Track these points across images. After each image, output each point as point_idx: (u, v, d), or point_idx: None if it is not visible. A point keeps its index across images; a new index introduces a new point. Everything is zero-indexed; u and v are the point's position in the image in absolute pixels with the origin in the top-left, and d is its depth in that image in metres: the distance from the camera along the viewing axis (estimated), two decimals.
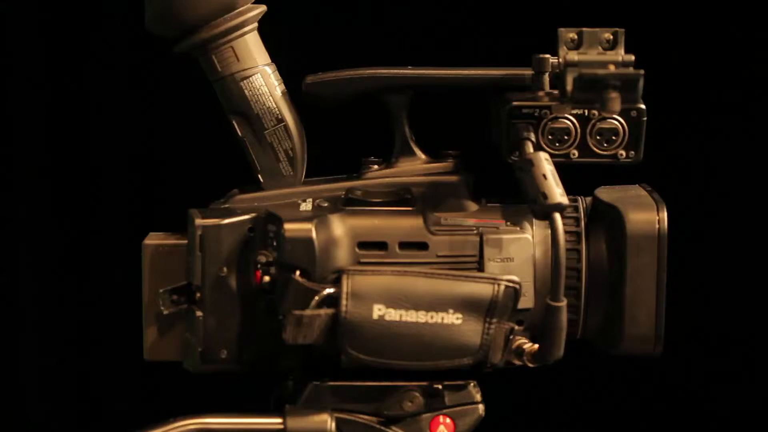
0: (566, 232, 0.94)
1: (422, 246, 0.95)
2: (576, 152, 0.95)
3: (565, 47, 0.92)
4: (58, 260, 1.56)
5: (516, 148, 0.93)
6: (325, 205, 0.97)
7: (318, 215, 0.94)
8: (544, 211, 0.89)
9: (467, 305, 0.91)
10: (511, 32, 0.90)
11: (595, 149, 0.95)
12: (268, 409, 0.99)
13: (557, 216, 0.91)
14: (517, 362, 0.95)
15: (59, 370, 1.59)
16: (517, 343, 0.94)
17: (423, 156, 1.00)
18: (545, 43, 0.94)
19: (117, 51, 1.50)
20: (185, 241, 0.96)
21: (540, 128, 0.94)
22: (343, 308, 0.90)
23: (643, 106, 0.93)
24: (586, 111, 0.94)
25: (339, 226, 0.94)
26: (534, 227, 0.96)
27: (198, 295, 0.95)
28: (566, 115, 0.94)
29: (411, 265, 0.93)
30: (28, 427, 1.59)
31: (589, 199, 0.99)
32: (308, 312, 0.90)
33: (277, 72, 0.99)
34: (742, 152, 1.54)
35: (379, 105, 0.97)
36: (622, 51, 0.92)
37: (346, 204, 0.96)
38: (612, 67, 0.89)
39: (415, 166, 0.99)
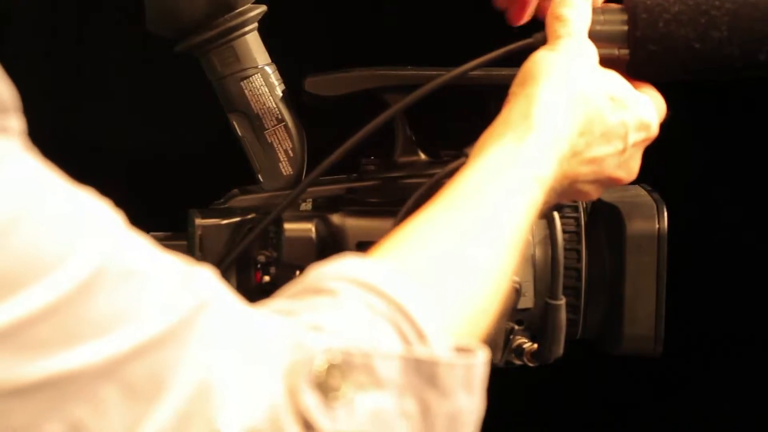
0: (566, 232, 0.95)
1: None
2: None
3: None
4: None
5: None
6: (325, 205, 0.97)
7: (318, 215, 0.94)
8: (544, 210, 0.89)
9: None
10: (511, 32, 0.90)
11: None
12: None
13: (556, 215, 0.91)
14: (517, 362, 0.95)
15: None
16: (517, 342, 0.94)
17: (423, 156, 0.99)
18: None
19: (117, 50, 1.50)
20: (185, 242, 0.96)
21: None
22: None
23: None
24: None
25: (338, 226, 0.94)
26: (534, 227, 0.96)
27: None
28: None
29: None
30: None
31: None
32: None
33: (277, 72, 0.99)
34: (741, 152, 1.54)
35: (379, 105, 0.97)
36: None
37: (346, 204, 0.96)
38: None
39: (415, 166, 0.99)
